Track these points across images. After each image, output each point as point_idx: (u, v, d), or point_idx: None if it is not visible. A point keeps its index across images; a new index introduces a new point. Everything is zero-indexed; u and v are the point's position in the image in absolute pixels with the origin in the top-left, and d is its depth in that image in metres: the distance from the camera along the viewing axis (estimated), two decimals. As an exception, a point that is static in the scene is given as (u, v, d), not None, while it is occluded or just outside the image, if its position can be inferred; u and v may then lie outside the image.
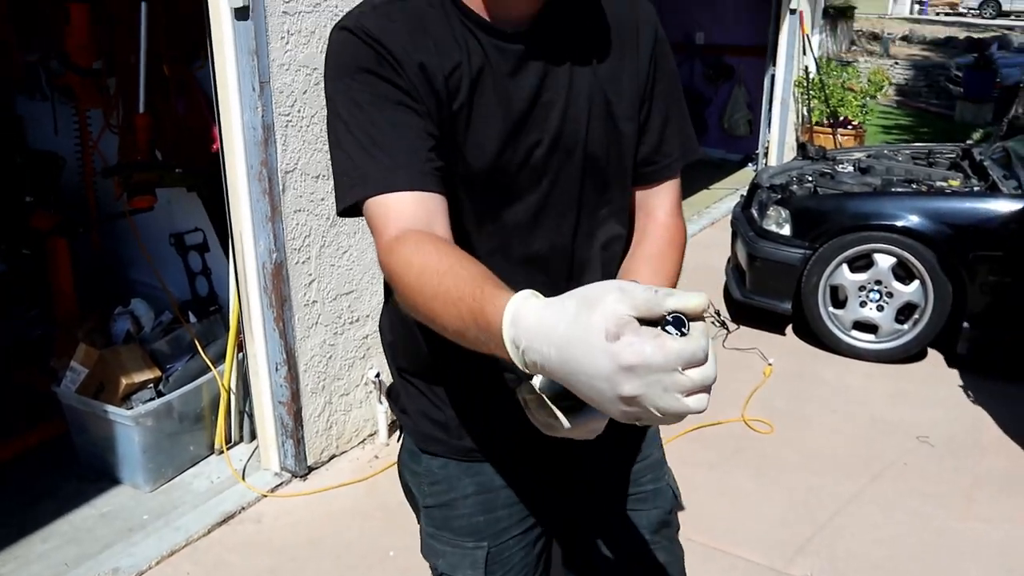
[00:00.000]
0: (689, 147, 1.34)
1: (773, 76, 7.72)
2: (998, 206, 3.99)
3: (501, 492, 1.34)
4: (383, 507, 3.01)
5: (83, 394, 3.09)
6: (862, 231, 4.13)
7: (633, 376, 0.76)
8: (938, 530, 2.95)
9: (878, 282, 4.15)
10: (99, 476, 3.13)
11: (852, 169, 4.87)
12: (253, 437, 3.29)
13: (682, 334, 0.78)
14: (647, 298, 0.78)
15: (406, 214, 1.07)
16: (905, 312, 4.16)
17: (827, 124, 8.00)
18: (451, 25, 1.16)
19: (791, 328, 4.57)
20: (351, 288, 3.23)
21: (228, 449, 3.26)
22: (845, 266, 4.20)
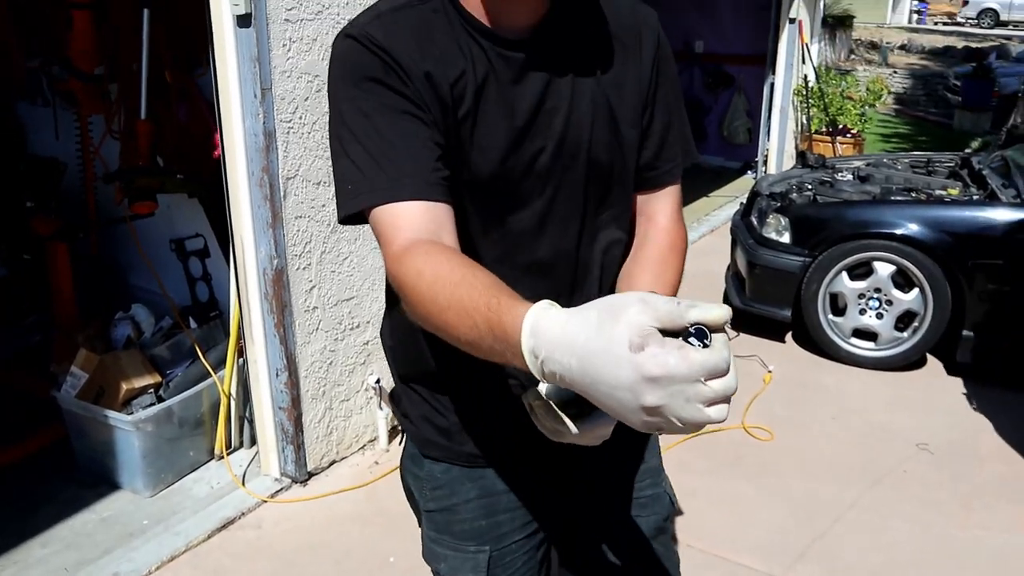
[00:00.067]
0: (689, 152, 1.35)
1: (772, 84, 7.73)
2: (997, 215, 4.00)
3: (503, 496, 1.34)
4: (383, 513, 3.01)
5: (83, 399, 3.09)
6: (861, 239, 4.14)
7: (656, 387, 0.76)
8: (937, 537, 2.95)
9: (877, 290, 4.16)
10: (99, 481, 3.13)
11: (851, 177, 4.88)
12: (253, 442, 3.29)
13: (704, 345, 0.79)
14: (669, 310, 0.79)
15: (414, 224, 1.06)
16: (904, 320, 4.17)
17: (826, 132, 8.01)
18: (455, 33, 1.15)
19: (791, 335, 4.58)
20: (352, 294, 3.23)
21: (228, 454, 3.26)
22: (845, 274, 4.21)
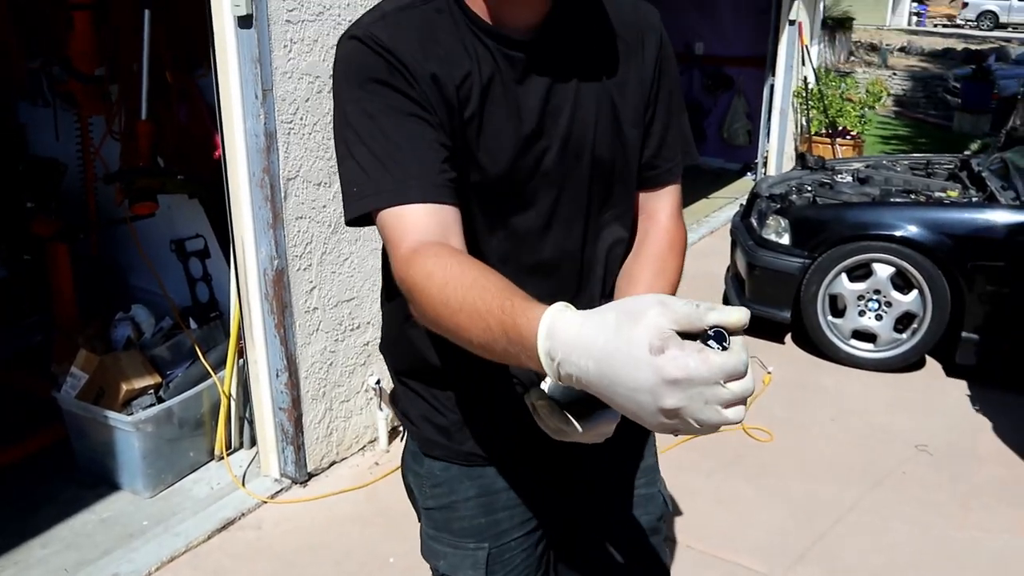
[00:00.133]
0: (689, 152, 1.35)
1: (772, 86, 7.74)
2: (996, 216, 4.01)
3: (502, 495, 1.35)
4: (383, 513, 3.02)
5: (83, 400, 3.09)
6: (861, 241, 4.15)
7: (676, 389, 0.77)
8: (936, 539, 2.95)
9: (877, 291, 4.17)
10: (99, 482, 3.13)
11: (851, 179, 4.88)
12: (253, 443, 3.29)
13: (724, 348, 0.79)
14: (688, 312, 0.79)
15: (421, 226, 1.06)
16: (904, 321, 4.17)
17: (826, 134, 8.01)
18: (460, 33, 1.15)
19: (790, 337, 4.58)
20: (352, 295, 3.24)
21: (228, 455, 3.26)
22: (844, 275, 4.21)
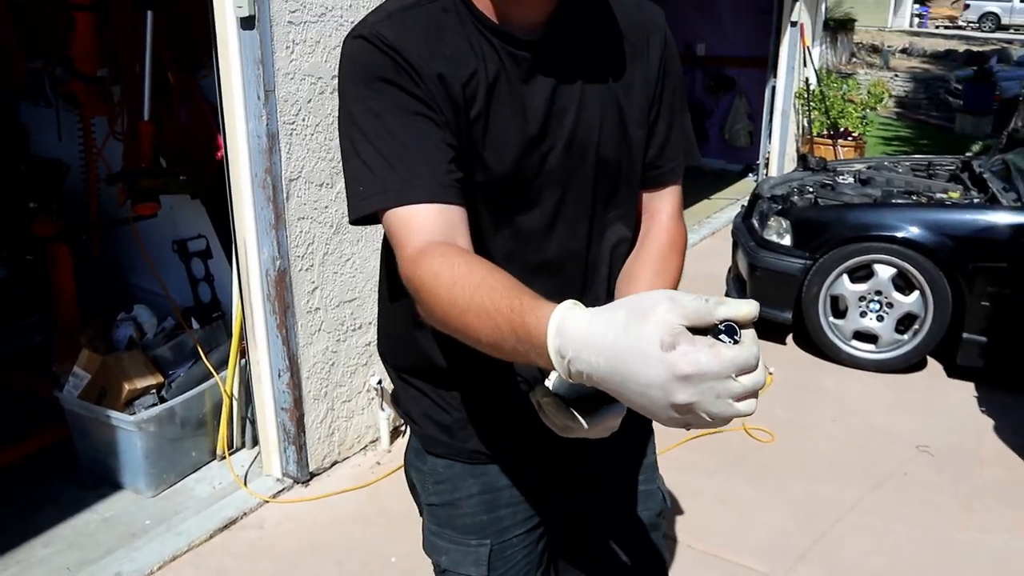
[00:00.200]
0: (691, 152, 1.35)
1: (774, 87, 7.75)
2: (997, 218, 4.01)
3: (505, 492, 1.35)
4: (385, 513, 3.02)
5: (85, 399, 3.10)
6: (862, 242, 4.15)
7: (688, 384, 0.77)
8: (937, 540, 2.95)
9: (878, 292, 4.17)
10: (101, 481, 3.14)
11: (852, 180, 4.88)
12: (255, 443, 3.30)
13: (735, 342, 0.80)
14: (697, 307, 0.80)
15: (428, 226, 1.06)
16: (905, 322, 4.17)
17: (827, 135, 8.02)
18: (466, 31, 1.15)
19: (791, 338, 4.58)
20: (354, 296, 3.24)
21: (230, 455, 3.27)
22: (845, 276, 4.21)
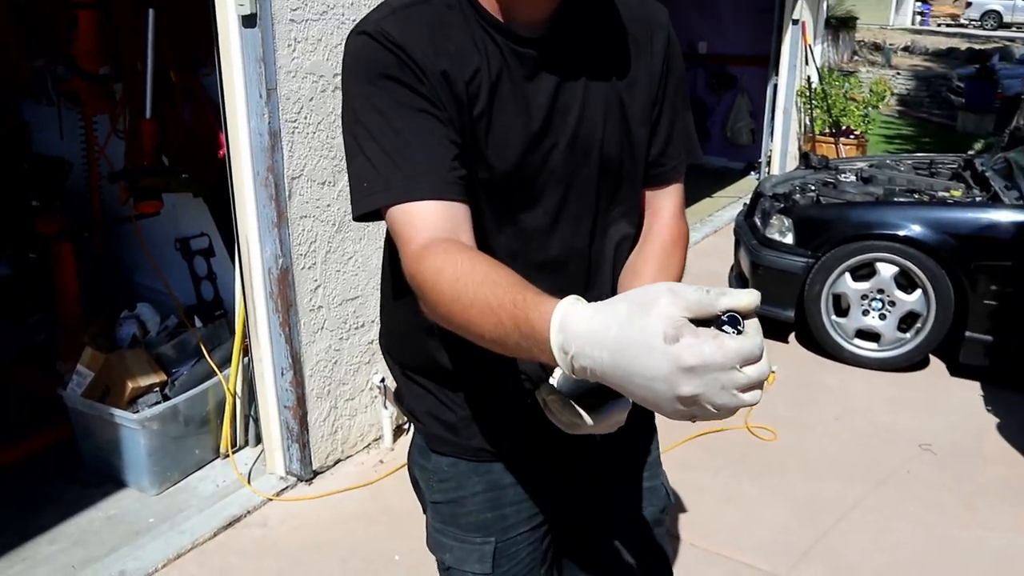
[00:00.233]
0: (693, 150, 1.35)
1: (776, 86, 7.74)
2: (1000, 216, 4.01)
3: (509, 489, 1.35)
4: (388, 511, 3.02)
5: (89, 397, 3.10)
6: (865, 240, 4.15)
7: (693, 376, 0.77)
8: (940, 538, 2.95)
9: (880, 291, 4.17)
10: (104, 479, 3.14)
11: (854, 179, 4.89)
12: (258, 441, 3.30)
13: (738, 332, 0.79)
14: (699, 299, 0.80)
15: (431, 223, 1.06)
16: (907, 321, 4.17)
17: (829, 134, 8.02)
18: (470, 29, 1.15)
19: (794, 336, 4.58)
20: (356, 293, 3.24)
21: (233, 453, 3.27)
22: (848, 275, 4.21)
